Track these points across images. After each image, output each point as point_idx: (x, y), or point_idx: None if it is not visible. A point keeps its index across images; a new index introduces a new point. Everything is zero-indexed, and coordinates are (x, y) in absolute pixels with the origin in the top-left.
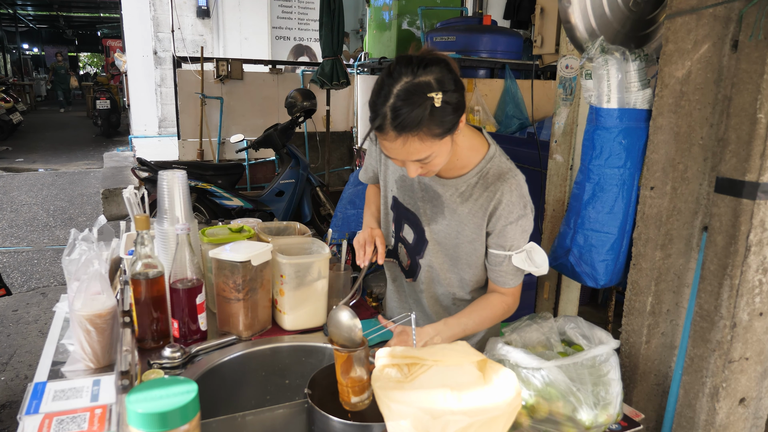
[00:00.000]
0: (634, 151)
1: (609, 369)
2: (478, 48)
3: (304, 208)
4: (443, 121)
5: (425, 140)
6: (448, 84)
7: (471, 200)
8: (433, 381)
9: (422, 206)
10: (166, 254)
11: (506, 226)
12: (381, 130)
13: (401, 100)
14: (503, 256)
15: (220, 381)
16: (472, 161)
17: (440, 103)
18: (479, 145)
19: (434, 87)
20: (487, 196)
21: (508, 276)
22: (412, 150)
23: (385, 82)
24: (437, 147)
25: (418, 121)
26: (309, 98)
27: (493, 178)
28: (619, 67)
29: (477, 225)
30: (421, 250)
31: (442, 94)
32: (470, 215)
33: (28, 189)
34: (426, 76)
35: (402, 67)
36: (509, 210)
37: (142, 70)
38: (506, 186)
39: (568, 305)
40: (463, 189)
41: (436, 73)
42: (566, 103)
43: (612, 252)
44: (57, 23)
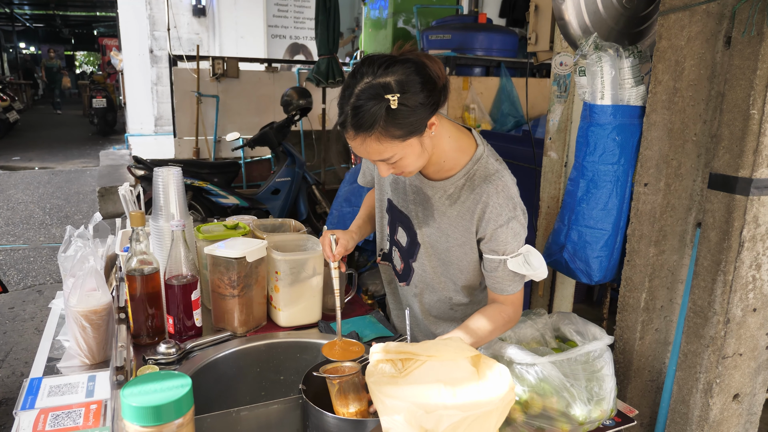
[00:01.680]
0: (628, 147)
1: (603, 365)
2: (473, 46)
3: (300, 206)
4: (402, 123)
5: (383, 141)
6: (411, 86)
7: (459, 203)
8: (427, 376)
9: (414, 209)
10: (161, 251)
11: (496, 229)
12: (343, 128)
13: (360, 100)
14: (498, 260)
15: (215, 377)
16: (459, 163)
17: (397, 105)
18: (467, 146)
19: (392, 88)
20: (474, 198)
21: (506, 282)
22: (371, 150)
23: (350, 82)
24: (399, 149)
25: (371, 122)
26: (305, 96)
27: (480, 179)
28: (613, 64)
29: (465, 228)
30: (414, 254)
31: (401, 95)
32: (458, 218)
33: (25, 187)
34: (386, 78)
35: (366, 67)
36: (497, 212)
37: (138, 69)
38: (492, 188)
39: (563, 302)
40: (450, 191)
41: (399, 74)
42: (561, 101)
43: (606, 248)
44: (54, 22)
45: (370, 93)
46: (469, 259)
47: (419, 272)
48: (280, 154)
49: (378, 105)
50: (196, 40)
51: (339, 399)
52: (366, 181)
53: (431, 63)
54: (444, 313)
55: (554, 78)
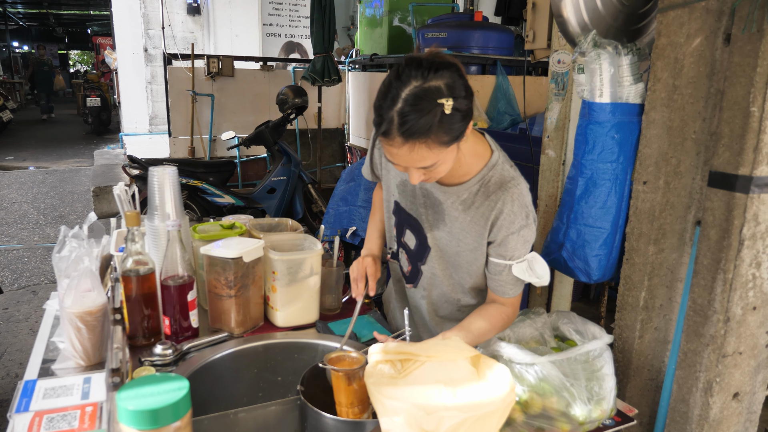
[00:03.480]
0: (627, 145)
1: (603, 364)
2: (469, 44)
3: (296, 205)
4: (452, 128)
5: (433, 148)
6: (459, 90)
7: (473, 209)
8: (427, 377)
9: (424, 212)
10: (157, 251)
11: (508, 236)
12: (387, 135)
13: (410, 105)
14: (503, 265)
15: (212, 378)
16: (474, 168)
17: (450, 110)
18: (482, 152)
19: (444, 93)
20: (488, 205)
21: (508, 286)
22: (419, 157)
23: (393, 85)
24: (444, 155)
25: (427, 128)
26: (300, 95)
27: (495, 186)
28: (612, 62)
29: (478, 234)
30: (423, 257)
31: (453, 100)
32: (472, 224)
33: (19, 187)
34: (436, 81)
35: (412, 69)
36: (511, 220)
37: (133, 68)
38: (508, 195)
39: (561, 301)
40: (464, 197)
41: (447, 78)
42: (558, 98)
43: (605, 247)
44: (47, 21)
45: (423, 97)
46: (480, 264)
47: (428, 275)
48: (275, 153)
49: (433, 110)
50: (190, 39)
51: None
52: (371, 175)
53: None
54: (451, 314)
55: (552, 76)
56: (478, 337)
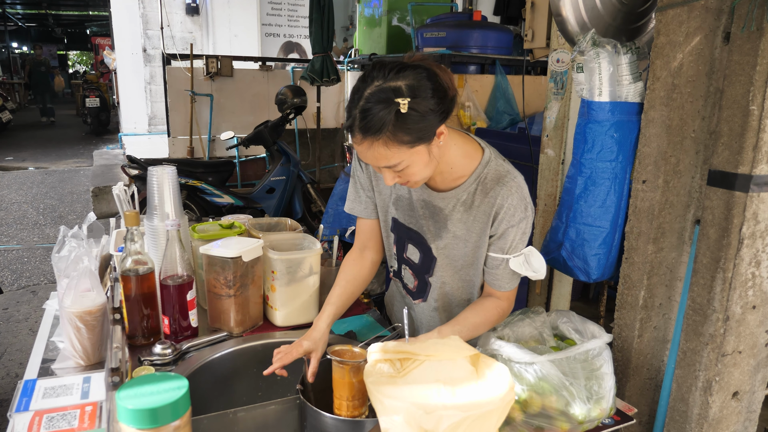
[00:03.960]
0: (626, 144)
1: (602, 363)
2: (468, 44)
3: (295, 205)
4: (411, 128)
5: (390, 146)
6: (422, 91)
7: (474, 208)
8: (426, 376)
9: (425, 224)
10: (156, 250)
11: (508, 228)
12: (351, 132)
13: (368, 102)
14: (501, 259)
15: (212, 377)
16: (468, 169)
17: (406, 109)
18: (473, 152)
19: (403, 93)
20: (489, 201)
21: (505, 279)
22: (378, 155)
23: (359, 86)
24: (407, 156)
25: (380, 125)
26: (299, 95)
27: (492, 182)
28: (611, 60)
29: (481, 230)
30: (430, 268)
31: (411, 100)
32: (475, 222)
33: (18, 187)
34: (396, 81)
35: (376, 71)
36: (511, 213)
37: (132, 68)
38: (506, 189)
39: (560, 300)
40: (464, 198)
41: (410, 79)
42: (557, 98)
43: (604, 246)
44: (46, 21)
45: (380, 96)
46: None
47: (437, 285)
48: (274, 152)
49: (387, 108)
50: (189, 39)
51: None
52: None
53: (442, 72)
54: None
55: (551, 75)
56: (473, 331)
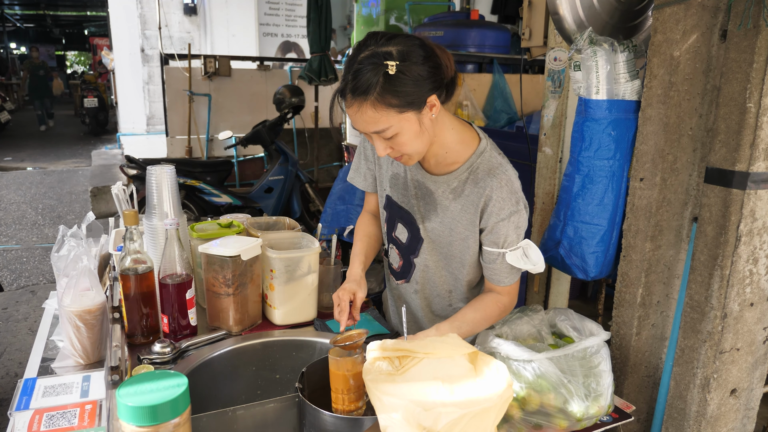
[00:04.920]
0: (624, 142)
1: (600, 361)
2: (466, 43)
3: (294, 205)
4: (399, 91)
5: (379, 109)
6: (412, 57)
7: (462, 197)
8: (425, 373)
9: (416, 204)
10: (155, 250)
11: (498, 222)
12: (343, 95)
13: (359, 65)
14: (497, 253)
15: (211, 376)
16: (462, 156)
17: (395, 71)
18: (470, 140)
19: (393, 56)
20: (477, 192)
21: (503, 274)
22: (368, 118)
23: (354, 53)
24: (396, 121)
25: (367, 86)
26: (297, 94)
27: (483, 173)
28: (608, 59)
29: (469, 221)
30: (416, 249)
31: (399, 63)
32: (462, 212)
33: (17, 187)
34: (388, 47)
35: (369, 39)
36: (500, 206)
37: (130, 68)
38: (496, 182)
39: (558, 298)
40: (454, 185)
41: (401, 45)
42: (555, 96)
43: (602, 244)
44: (44, 22)
45: (371, 60)
46: (472, 252)
47: (420, 267)
48: (272, 152)
49: (376, 69)
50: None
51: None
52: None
53: (440, 51)
54: (444, 310)
55: (548, 73)
56: (472, 327)
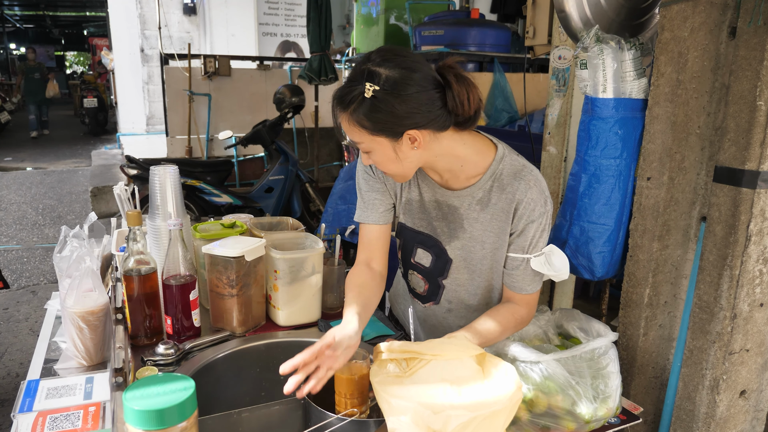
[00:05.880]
0: (631, 141)
1: (608, 362)
2: (466, 41)
3: (294, 204)
4: (370, 117)
5: (352, 124)
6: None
7: (490, 205)
8: (433, 375)
9: (438, 225)
10: (158, 250)
11: (528, 224)
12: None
13: (352, 76)
14: (521, 259)
15: (215, 377)
16: (481, 166)
17: (370, 95)
18: (485, 149)
19: (376, 80)
20: (507, 198)
21: (526, 281)
22: (345, 128)
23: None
24: (368, 140)
25: (346, 101)
26: (297, 94)
27: (509, 178)
28: (615, 57)
29: (500, 230)
30: (444, 271)
31: (379, 90)
32: (492, 221)
33: (17, 188)
34: (382, 68)
35: (376, 52)
36: (531, 207)
37: (129, 68)
38: (524, 183)
39: (563, 298)
40: (480, 196)
41: (395, 71)
42: (559, 95)
43: (609, 243)
44: (44, 23)
45: (359, 76)
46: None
47: (451, 288)
48: (273, 152)
49: (356, 88)
50: (187, 39)
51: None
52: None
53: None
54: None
55: (553, 72)
56: (487, 338)
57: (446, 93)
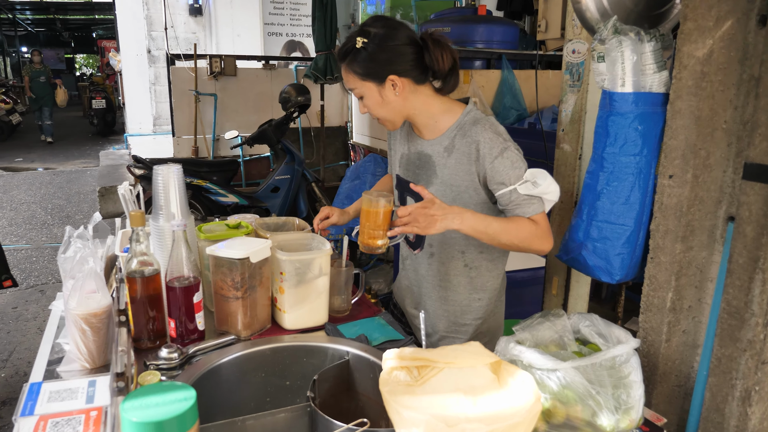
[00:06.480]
0: (651, 137)
1: (630, 370)
2: (473, 38)
3: (300, 204)
4: (360, 63)
5: (348, 73)
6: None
7: (455, 151)
8: (446, 384)
9: (420, 173)
10: (162, 251)
11: (493, 161)
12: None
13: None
14: (508, 191)
15: (219, 382)
16: (451, 120)
17: (360, 46)
18: (456, 108)
19: (364, 35)
20: (467, 142)
21: (524, 205)
22: (344, 77)
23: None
24: (359, 85)
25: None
26: (303, 93)
27: (469, 125)
28: (634, 49)
29: (466, 171)
30: None
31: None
32: (458, 165)
33: (27, 188)
34: (368, 27)
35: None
36: (490, 146)
37: (136, 69)
38: (479, 127)
39: (578, 301)
40: (446, 143)
41: (382, 29)
42: (573, 90)
43: (628, 245)
44: (54, 26)
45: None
46: (475, 203)
47: None
48: (279, 151)
49: (351, 42)
50: (193, 39)
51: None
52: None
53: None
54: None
55: (566, 67)
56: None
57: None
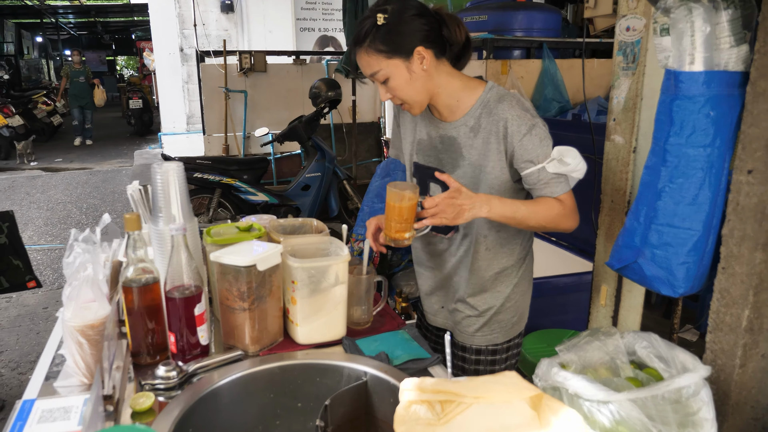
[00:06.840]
0: (725, 125)
1: (700, 405)
2: (512, 26)
3: (331, 202)
4: (386, 39)
5: (370, 53)
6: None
7: (482, 130)
8: (475, 424)
9: (444, 157)
10: (163, 258)
11: (521, 139)
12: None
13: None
14: (536, 170)
15: (222, 404)
16: (473, 98)
17: (381, 22)
18: (477, 85)
19: (385, 10)
20: (494, 120)
21: (552, 184)
22: (364, 63)
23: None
24: (385, 65)
25: (363, 35)
26: (333, 88)
27: (494, 102)
28: (707, 18)
29: (494, 150)
30: None
31: (388, 16)
32: (485, 144)
33: (64, 188)
34: (386, 5)
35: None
36: (518, 124)
37: (169, 68)
38: (506, 105)
39: (630, 313)
40: (472, 123)
41: (394, 4)
42: (627, 73)
43: (695, 252)
44: (95, 29)
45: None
46: (501, 181)
47: None
48: (309, 148)
49: (370, 21)
50: (224, 36)
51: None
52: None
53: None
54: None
55: (619, 47)
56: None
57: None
